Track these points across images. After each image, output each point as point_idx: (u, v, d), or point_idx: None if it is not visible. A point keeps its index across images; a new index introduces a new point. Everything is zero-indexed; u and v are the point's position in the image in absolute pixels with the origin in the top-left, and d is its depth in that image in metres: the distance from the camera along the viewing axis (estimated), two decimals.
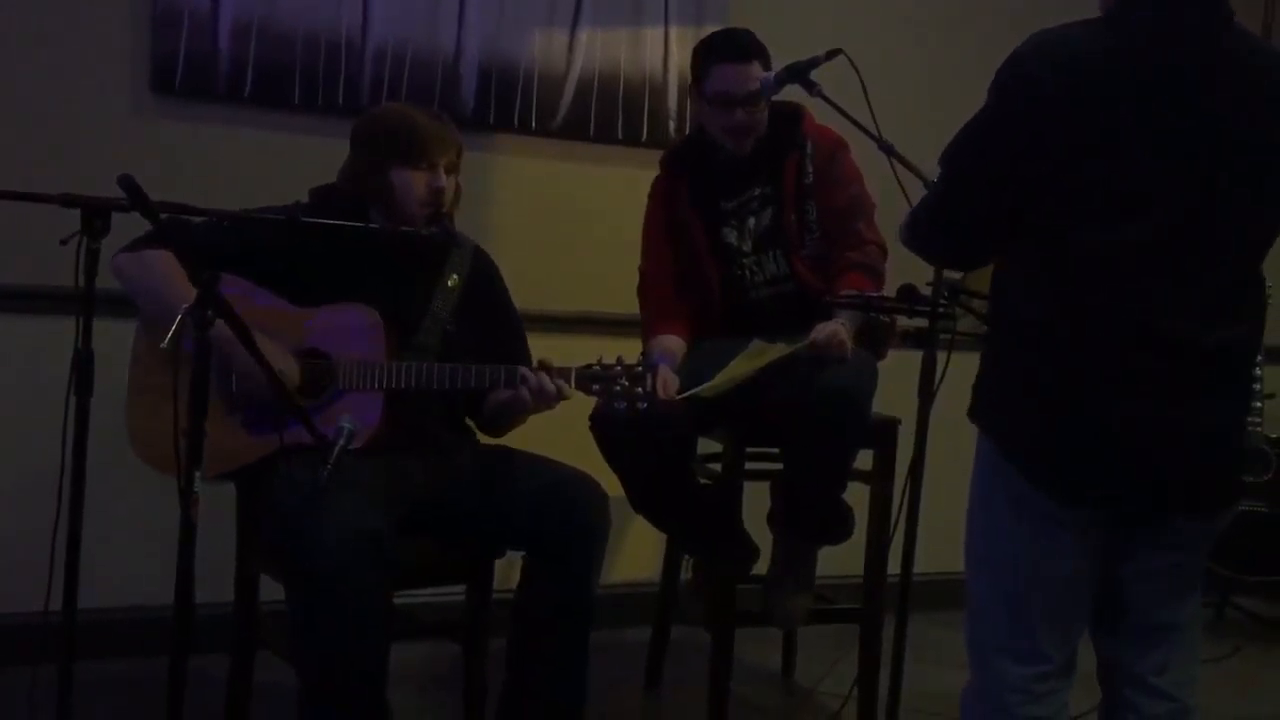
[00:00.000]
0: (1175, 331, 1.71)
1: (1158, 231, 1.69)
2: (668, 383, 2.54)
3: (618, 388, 2.36)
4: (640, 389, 2.35)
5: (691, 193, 2.83)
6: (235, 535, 2.49)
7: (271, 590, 2.42)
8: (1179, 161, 1.69)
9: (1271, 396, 3.75)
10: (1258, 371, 3.66)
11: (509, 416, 2.51)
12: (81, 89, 2.91)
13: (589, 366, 2.38)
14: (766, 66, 2.71)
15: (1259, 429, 3.72)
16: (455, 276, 2.52)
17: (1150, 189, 1.69)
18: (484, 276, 2.60)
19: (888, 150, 2.30)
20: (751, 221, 2.82)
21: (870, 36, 3.62)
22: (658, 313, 2.85)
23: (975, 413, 1.86)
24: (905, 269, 2.34)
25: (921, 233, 1.88)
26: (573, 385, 2.37)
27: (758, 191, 2.80)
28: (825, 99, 2.44)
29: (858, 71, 2.36)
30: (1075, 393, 1.74)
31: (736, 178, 2.82)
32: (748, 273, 2.83)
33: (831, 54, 2.42)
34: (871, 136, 2.34)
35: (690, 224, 2.82)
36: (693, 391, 2.54)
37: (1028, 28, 1.76)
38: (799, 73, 2.48)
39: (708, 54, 2.74)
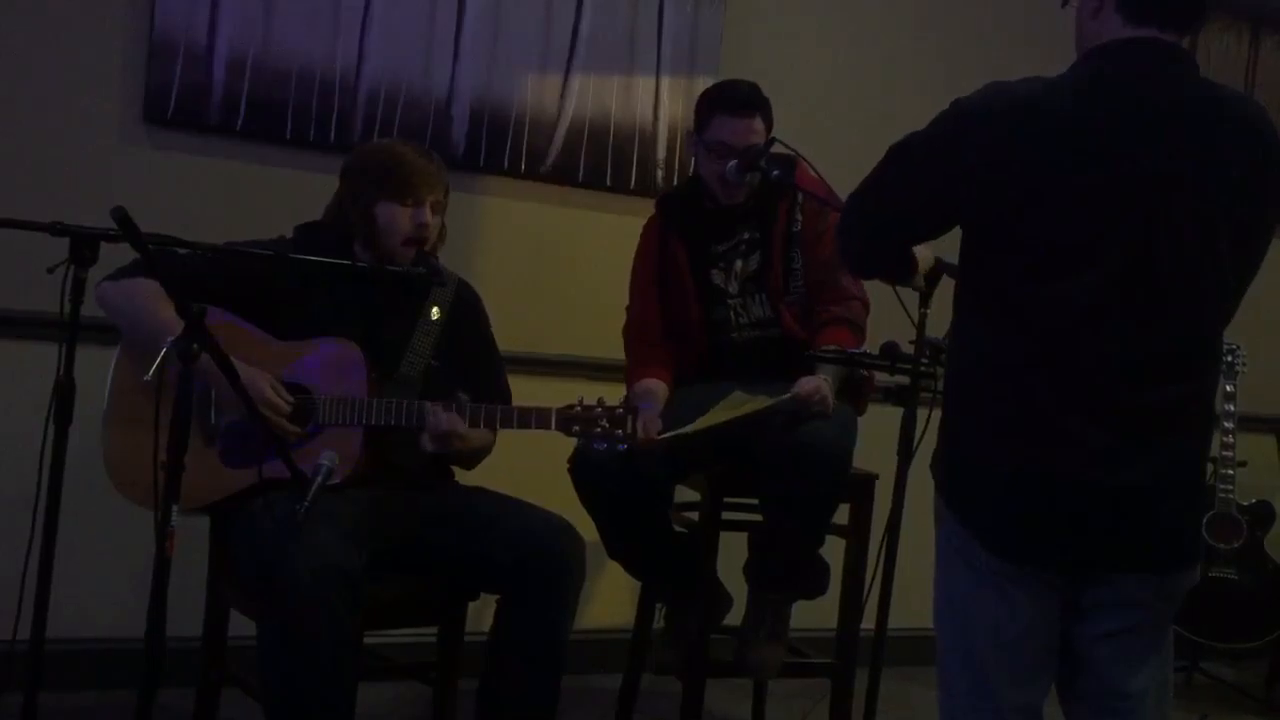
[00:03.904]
0: (1114, 390, 1.71)
1: (1099, 286, 1.69)
2: (649, 424, 2.55)
3: (598, 429, 2.36)
4: (620, 430, 2.36)
5: (684, 237, 2.86)
6: (206, 568, 2.47)
7: (240, 625, 2.40)
8: (1120, 216, 1.68)
9: (1244, 464, 3.77)
10: (1230, 439, 3.70)
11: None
12: (74, 118, 2.91)
13: (570, 407, 2.38)
14: (768, 119, 2.77)
15: (1231, 495, 3.75)
16: (438, 310, 2.53)
17: (1091, 243, 1.69)
18: (467, 310, 2.61)
19: None
20: (739, 264, 2.84)
21: (858, 82, 3.68)
22: (642, 356, 2.87)
23: (933, 469, 1.87)
24: (887, 325, 2.37)
25: (842, 229, 1.93)
26: (554, 426, 2.38)
27: (747, 236, 2.83)
28: (782, 182, 2.65)
29: (797, 152, 2.56)
30: (1012, 450, 1.74)
31: (728, 222, 2.85)
32: (733, 314, 2.85)
33: (769, 143, 2.67)
34: (829, 203, 2.51)
35: (679, 263, 2.85)
36: (674, 433, 2.55)
37: (1008, 74, 1.80)
38: (752, 162, 2.66)
39: (711, 103, 2.78)
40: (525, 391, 2.52)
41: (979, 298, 1.81)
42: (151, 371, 1.78)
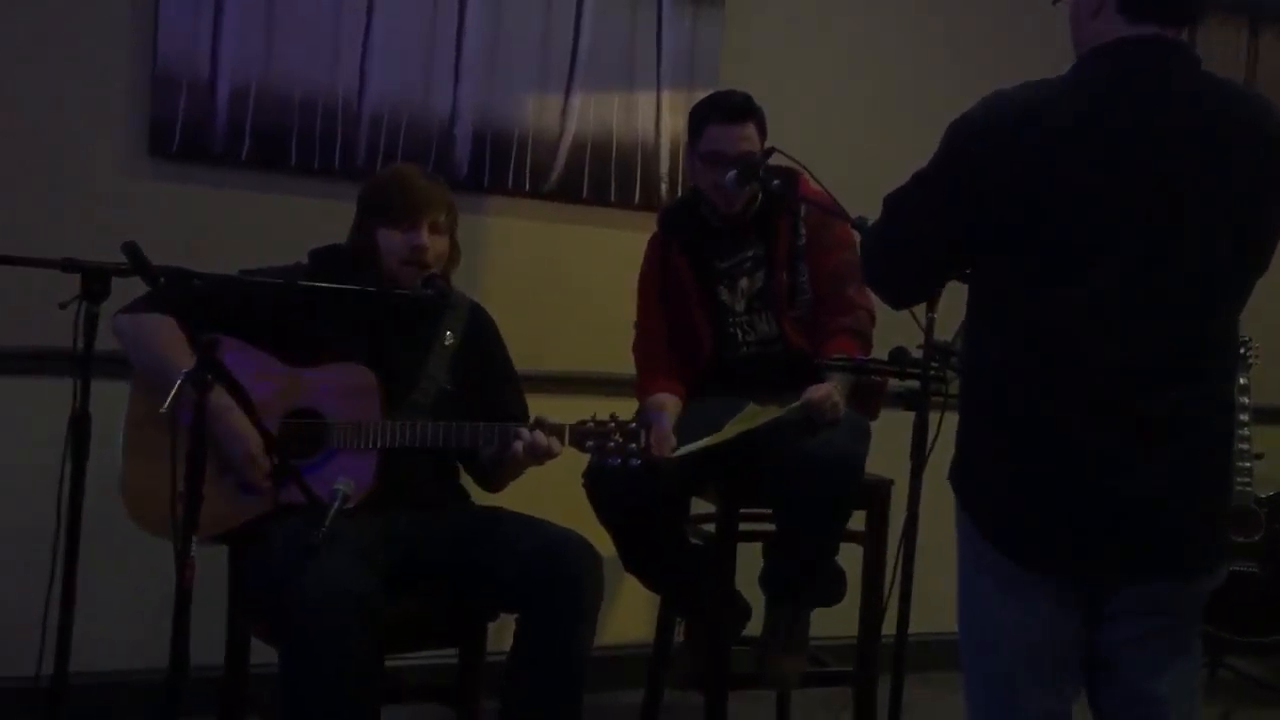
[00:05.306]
0: (1118, 393, 1.70)
1: (1104, 289, 1.69)
2: (662, 440, 2.56)
3: (611, 444, 2.38)
4: (633, 445, 2.37)
5: (686, 251, 2.87)
6: (226, 597, 2.48)
7: (261, 653, 2.40)
8: (1126, 217, 1.68)
9: (1260, 457, 3.76)
10: (1245, 432, 3.69)
11: (502, 471, 2.52)
12: (78, 152, 2.93)
13: (583, 423, 2.40)
14: (761, 128, 2.78)
15: (1248, 489, 3.73)
16: (451, 335, 2.54)
17: (1097, 245, 1.69)
18: (481, 334, 2.62)
19: (859, 226, 2.37)
20: (744, 282, 2.85)
21: (858, 91, 3.69)
22: (652, 369, 2.88)
23: (950, 475, 1.87)
24: (895, 332, 2.37)
25: (864, 259, 1.96)
26: (566, 442, 2.40)
27: (751, 253, 2.84)
28: (783, 192, 2.64)
29: (799, 163, 2.55)
30: (1015, 452, 1.74)
31: (731, 238, 2.85)
32: (739, 331, 2.85)
33: (768, 153, 2.66)
34: (835, 213, 2.50)
35: (685, 281, 2.86)
36: (686, 449, 2.55)
37: (1016, 76, 1.80)
38: (751, 172, 2.64)
39: (702, 114, 2.80)
40: (535, 408, 2.53)
41: (986, 301, 1.81)
42: (167, 404, 1.79)
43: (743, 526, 2.78)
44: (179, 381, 1.80)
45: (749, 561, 2.81)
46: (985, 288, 1.81)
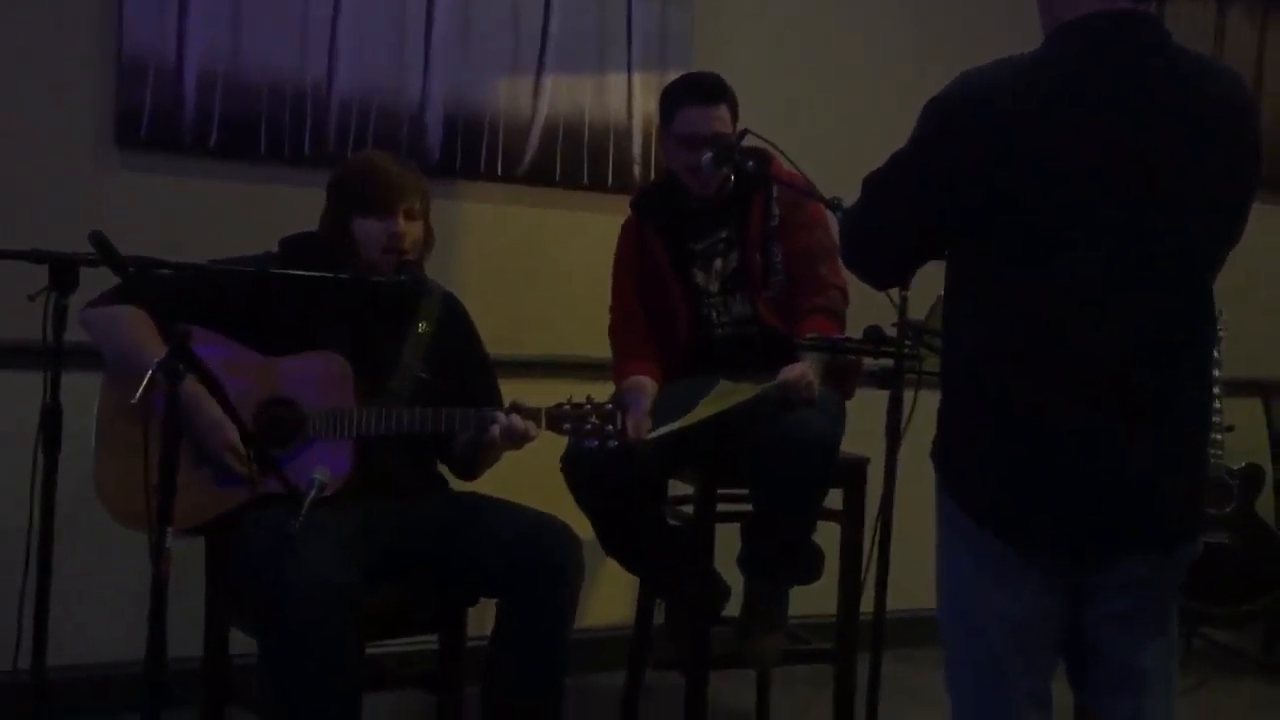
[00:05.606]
0: (1109, 373, 1.69)
1: (1086, 267, 1.68)
2: (639, 424, 2.56)
3: (588, 426, 2.38)
4: (610, 427, 2.38)
5: (661, 233, 2.87)
6: (204, 588, 2.47)
7: (241, 643, 2.40)
8: (1104, 192, 1.67)
9: (1231, 429, 3.80)
10: (1216, 405, 3.72)
11: (479, 457, 2.52)
12: (45, 142, 2.90)
13: (559, 406, 2.40)
14: (734, 109, 2.78)
15: (1221, 461, 3.77)
16: (425, 323, 2.54)
17: (1072, 225, 1.68)
18: (454, 322, 2.61)
19: (834, 206, 2.37)
20: (718, 263, 2.85)
21: (831, 70, 3.69)
22: (628, 352, 2.88)
23: (932, 454, 1.88)
24: (869, 311, 2.38)
25: (842, 242, 1.97)
26: (543, 425, 2.40)
27: (724, 234, 2.84)
28: (758, 173, 2.67)
29: (772, 144, 2.58)
30: (997, 434, 1.74)
31: (705, 220, 2.86)
32: (714, 313, 2.86)
33: (742, 135, 2.67)
34: (809, 194, 2.52)
35: (660, 264, 2.86)
36: (661, 430, 2.55)
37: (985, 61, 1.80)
38: (727, 154, 2.65)
39: (675, 97, 2.79)
40: (512, 393, 2.53)
41: (964, 283, 1.81)
42: (139, 394, 1.78)
43: (721, 507, 2.79)
44: (150, 371, 1.79)
45: (727, 542, 2.82)
46: (962, 270, 1.81)
